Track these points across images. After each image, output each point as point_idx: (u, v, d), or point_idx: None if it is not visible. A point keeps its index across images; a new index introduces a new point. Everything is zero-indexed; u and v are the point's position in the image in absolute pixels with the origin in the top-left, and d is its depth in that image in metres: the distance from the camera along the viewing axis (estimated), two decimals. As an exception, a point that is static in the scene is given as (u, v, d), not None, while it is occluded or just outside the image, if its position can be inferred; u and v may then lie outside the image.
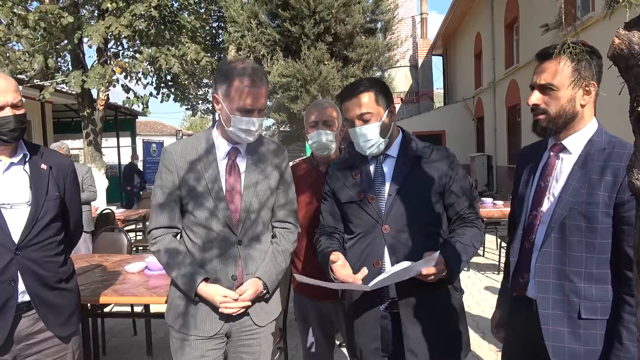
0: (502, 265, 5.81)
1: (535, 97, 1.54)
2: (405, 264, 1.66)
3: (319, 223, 2.02)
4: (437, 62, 24.65)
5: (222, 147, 1.85)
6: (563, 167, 1.56)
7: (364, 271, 1.68)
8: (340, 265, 1.73)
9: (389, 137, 1.83)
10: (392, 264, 1.72)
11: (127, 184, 13.38)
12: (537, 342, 1.56)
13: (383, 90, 1.82)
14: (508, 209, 5.69)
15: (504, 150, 14.57)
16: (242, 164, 1.86)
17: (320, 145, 2.29)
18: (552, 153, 1.60)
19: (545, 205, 1.57)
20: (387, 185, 1.81)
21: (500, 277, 5.60)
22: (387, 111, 1.81)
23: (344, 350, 3.54)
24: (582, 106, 1.52)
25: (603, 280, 1.48)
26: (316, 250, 1.93)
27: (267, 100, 1.86)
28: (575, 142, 1.55)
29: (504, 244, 5.88)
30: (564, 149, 1.57)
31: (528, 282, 1.59)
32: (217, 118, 1.93)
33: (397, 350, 1.80)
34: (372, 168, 1.87)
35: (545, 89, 1.52)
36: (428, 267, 1.60)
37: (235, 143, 1.85)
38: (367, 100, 1.77)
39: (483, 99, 16.68)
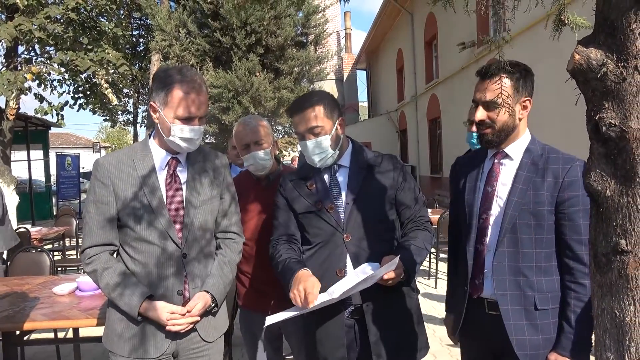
0: (432, 270, 6.07)
1: (481, 114, 1.67)
2: (366, 268, 1.69)
3: (273, 233, 1.98)
4: (361, 76, 25.52)
5: (160, 157, 1.78)
6: (507, 172, 1.69)
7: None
8: (314, 293, 1.65)
9: (339, 149, 1.86)
10: None
11: None
12: (496, 340, 1.65)
13: (332, 104, 1.85)
14: (434, 216, 5.87)
15: (427, 160, 15.31)
16: (182, 174, 1.79)
17: (257, 166, 2.27)
18: (495, 160, 1.72)
19: (495, 209, 1.68)
20: (344, 194, 1.84)
21: (431, 282, 5.86)
22: (336, 124, 1.84)
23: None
24: (520, 120, 1.67)
25: (551, 272, 1.63)
26: (274, 259, 1.89)
27: (207, 108, 1.81)
28: (516, 149, 1.69)
29: (432, 250, 6.12)
30: (506, 156, 1.71)
31: (483, 283, 1.68)
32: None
33: (360, 356, 1.82)
34: (326, 178, 1.89)
35: (490, 105, 1.64)
36: (389, 272, 1.64)
37: (174, 153, 1.79)
38: (317, 113, 1.79)
39: (406, 111, 17.44)
